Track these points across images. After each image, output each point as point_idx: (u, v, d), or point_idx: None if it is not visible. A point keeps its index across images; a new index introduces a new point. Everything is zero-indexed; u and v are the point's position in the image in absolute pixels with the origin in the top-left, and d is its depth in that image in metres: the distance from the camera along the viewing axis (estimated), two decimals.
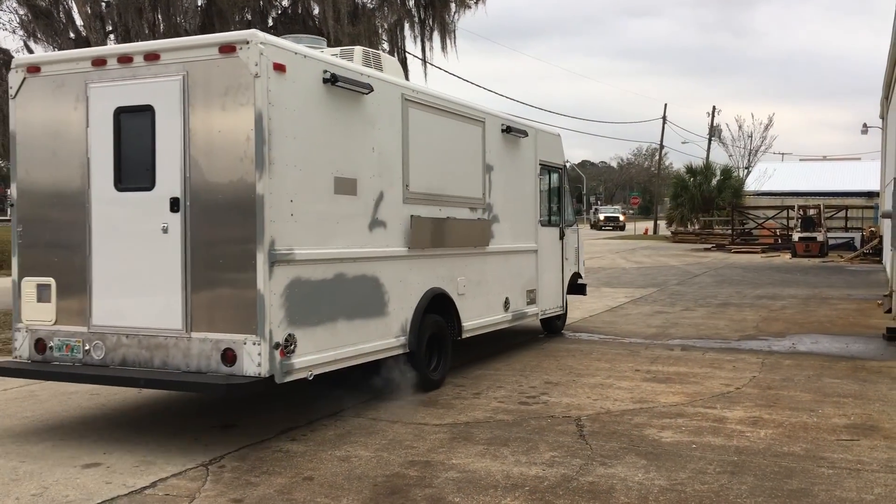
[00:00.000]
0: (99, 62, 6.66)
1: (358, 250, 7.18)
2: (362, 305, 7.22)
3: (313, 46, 7.44)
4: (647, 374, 8.91)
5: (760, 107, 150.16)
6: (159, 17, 13.33)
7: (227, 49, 6.16)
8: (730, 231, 41.44)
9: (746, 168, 56.83)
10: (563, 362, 9.65)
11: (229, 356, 6.11)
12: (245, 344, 6.05)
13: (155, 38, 13.38)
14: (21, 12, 13.60)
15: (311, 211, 6.60)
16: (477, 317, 9.19)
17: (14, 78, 7.00)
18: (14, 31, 14.04)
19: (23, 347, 6.91)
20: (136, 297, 6.51)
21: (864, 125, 42.41)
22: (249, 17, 14.22)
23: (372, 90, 7.30)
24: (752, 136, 58.01)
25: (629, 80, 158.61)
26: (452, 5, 14.11)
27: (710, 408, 7.37)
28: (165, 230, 6.37)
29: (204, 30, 13.39)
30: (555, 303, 11.49)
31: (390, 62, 8.59)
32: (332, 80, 6.77)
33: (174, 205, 6.35)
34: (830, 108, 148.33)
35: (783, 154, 67.70)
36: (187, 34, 13.41)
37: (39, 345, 6.84)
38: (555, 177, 11.68)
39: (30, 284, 6.91)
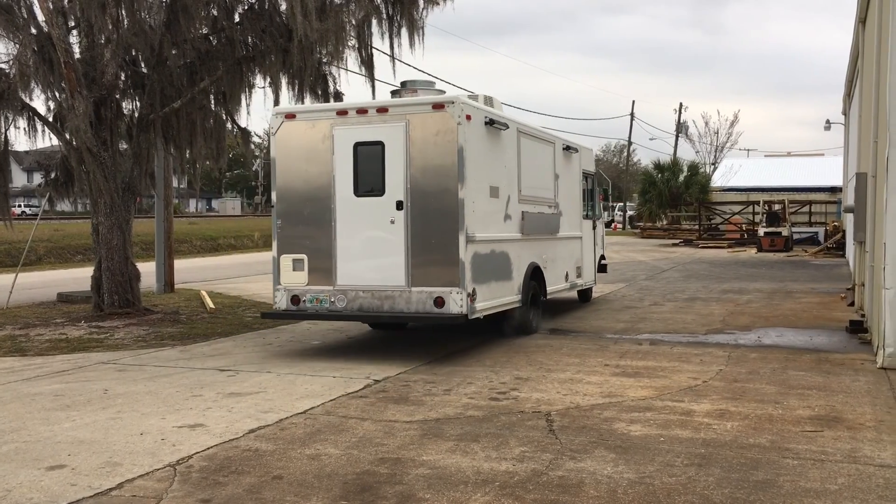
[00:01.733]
0: (342, 112, 9.88)
1: (499, 235, 10.38)
2: (500, 272, 10.40)
3: (428, 88, 10.72)
4: (616, 369, 8.97)
5: (728, 103, 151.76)
6: (123, 12, 13.09)
7: (439, 107, 9.42)
8: (697, 226, 41.91)
9: (713, 164, 57.52)
10: (533, 358, 9.69)
11: (439, 302, 9.36)
12: (451, 294, 9.31)
13: (118, 35, 13.18)
14: None
15: (480, 209, 9.77)
16: (553, 284, 12.45)
17: (274, 121, 10.14)
18: None
19: (281, 301, 10.06)
20: (370, 265, 9.66)
21: (827, 121, 43.07)
22: (216, 12, 14.01)
23: (507, 127, 10.64)
24: (718, 133, 58.73)
25: (601, 76, 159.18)
26: (421, 2, 14.03)
27: (678, 401, 7.44)
28: (393, 222, 9.57)
29: (169, 26, 13.19)
30: (590, 277, 15.07)
31: (496, 101, 11.24)
32: (489, 122, 10.05)
33: (399, 205, 9.55)
34: (796, 104, 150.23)
35: (749, 150, 68.60)
36: (152, 30, 13.22)
37: (294, 300, 9.97)
38: (590, 181, 15.06)
39: (287, 259, 10.01)
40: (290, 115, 10.06)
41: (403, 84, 10.80)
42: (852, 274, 17.46)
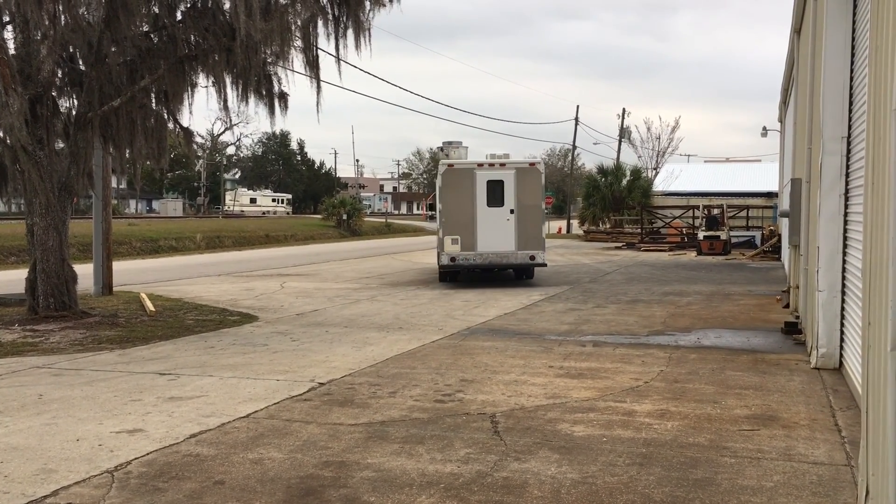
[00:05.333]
0: (480, 164, 19.21)
1: (541, 228, 19.44)
2: (545, 244, 19.68)
3: (460, 146, 20.47)
4: (560, 370, 9.07)
5: (670, 109, 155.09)
6: (60, 7, 12.74)
7: (532, 164, 19.70)
8: (639, 230, 42.60)
9: (654, 169, 58.47)
10: (478, 360, 9.73)
11: (532, 258, 19.13)
12: (539, 253, 19.16)
13: (55, 31, 12.83)
14: None
15: (543, 213, 19.83)
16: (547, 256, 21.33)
17: (441, 168, 19.26)
18: None
19: (444, 260, 19.01)
20: (495, 241, 18.92)
21: (764, 128, 44.23)
22: (157, 9, 13.73)
23: (543, 172, 19.80)
24: (659, 138, 59.77)
25: (550, 81, 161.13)
26: (367, 3, 13.95)
27: (621, 402, 7.56)
28: (508, 220, 18.98)
29: (108, 23, 12.87)
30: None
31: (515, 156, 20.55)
32: (543, 171, 19.75)
33: (511, 211, 19.02)
34: (736, 111, 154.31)
35: (689, 155, 70.02)
36: (90, 27, 12.88)
37: (452, 259, 18.92)
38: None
39: (448, 238, 18.85)
40: (451, 165, 19.11)
41: (448, 143, 20.28)
42: (787, 276, 17.95)
